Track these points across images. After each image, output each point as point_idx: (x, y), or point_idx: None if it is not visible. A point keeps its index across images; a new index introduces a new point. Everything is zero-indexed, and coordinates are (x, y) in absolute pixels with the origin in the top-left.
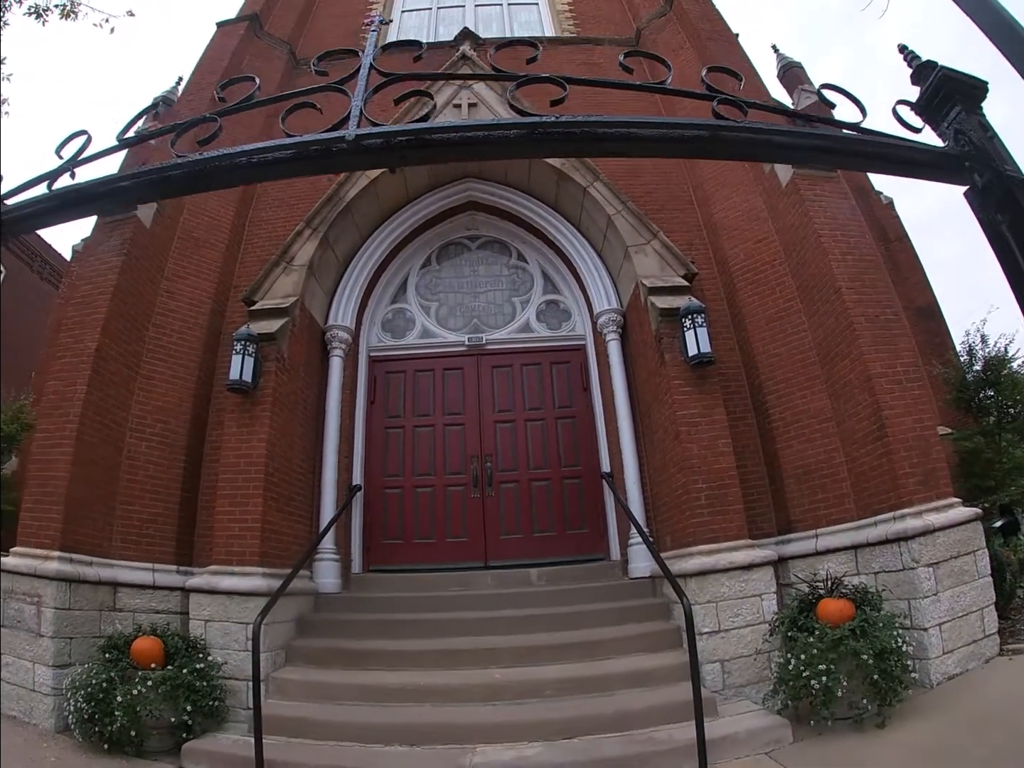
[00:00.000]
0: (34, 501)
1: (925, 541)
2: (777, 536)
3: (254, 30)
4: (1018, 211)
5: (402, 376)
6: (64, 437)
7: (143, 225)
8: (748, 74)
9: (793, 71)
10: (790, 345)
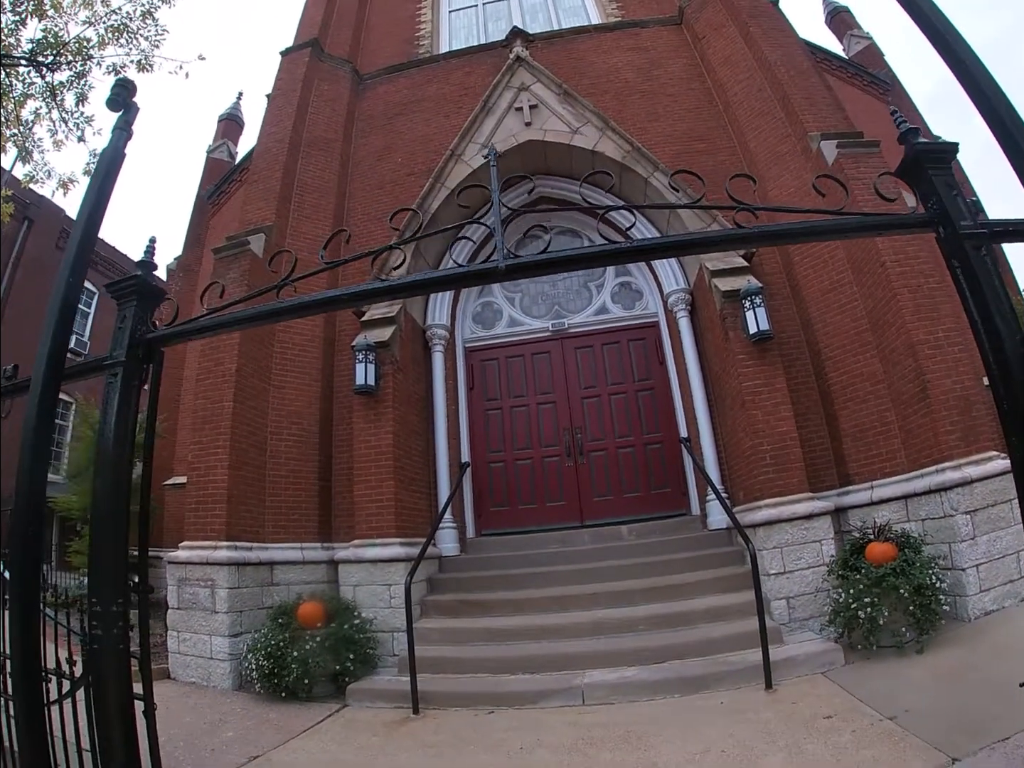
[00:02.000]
0: (197, 502)
1: (963, 491)
2: (838, 488)
3: (317, 55)
4: (966, 260)
5: (496, 363)
6: (219, 446)
7: (256, 256)
8: (788, 44)
9: (841, 16)
10: (844, 314)
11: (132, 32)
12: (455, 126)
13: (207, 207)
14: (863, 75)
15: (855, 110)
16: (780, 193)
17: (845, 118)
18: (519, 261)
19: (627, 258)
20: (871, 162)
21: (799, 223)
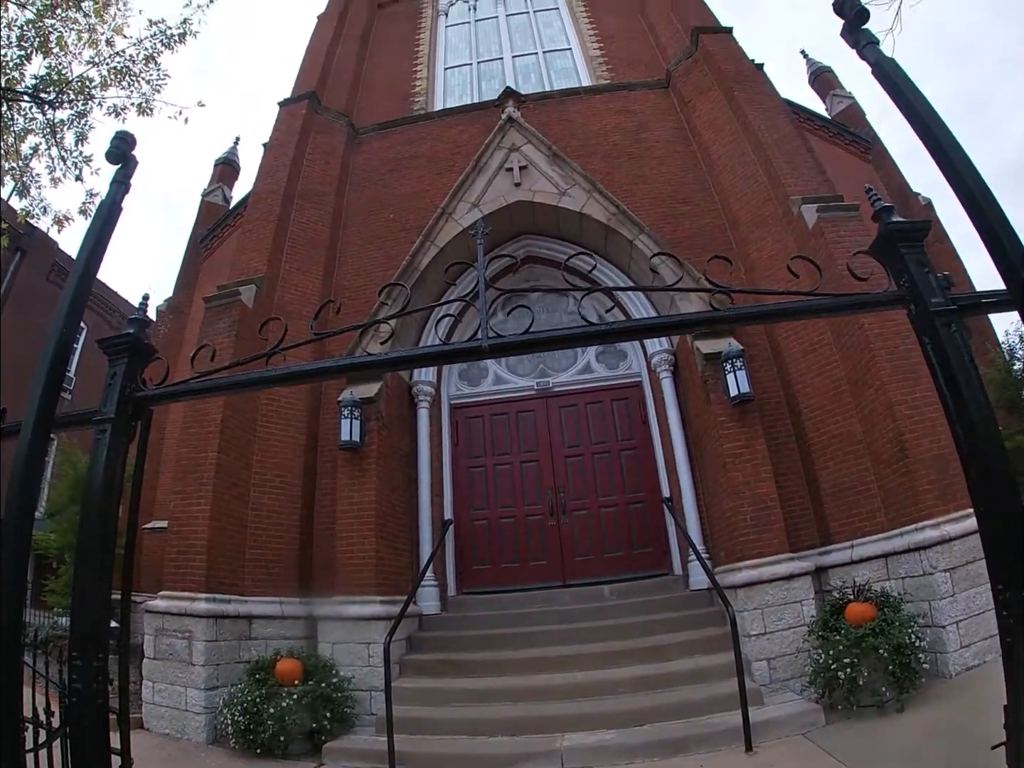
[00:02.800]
0: (177, 552)
1: (941, 549)
2: (819, 548)
3: (314, 107)
4: (936, 336)
5: (481, 420)
6: (201, 496)
7: (247, 307)
8: (772, 108)
9: (824, 76)
10: (823, 375)
11: (134, 75)
12: (447, 184)
13: (200, 250)
14: (845, 134)
15: (837, 169)
16: (762, 256)
17: (826, 181)
18: (502, 341)
19: (606, 339)
20: (850, 225)
21: (773, 305)
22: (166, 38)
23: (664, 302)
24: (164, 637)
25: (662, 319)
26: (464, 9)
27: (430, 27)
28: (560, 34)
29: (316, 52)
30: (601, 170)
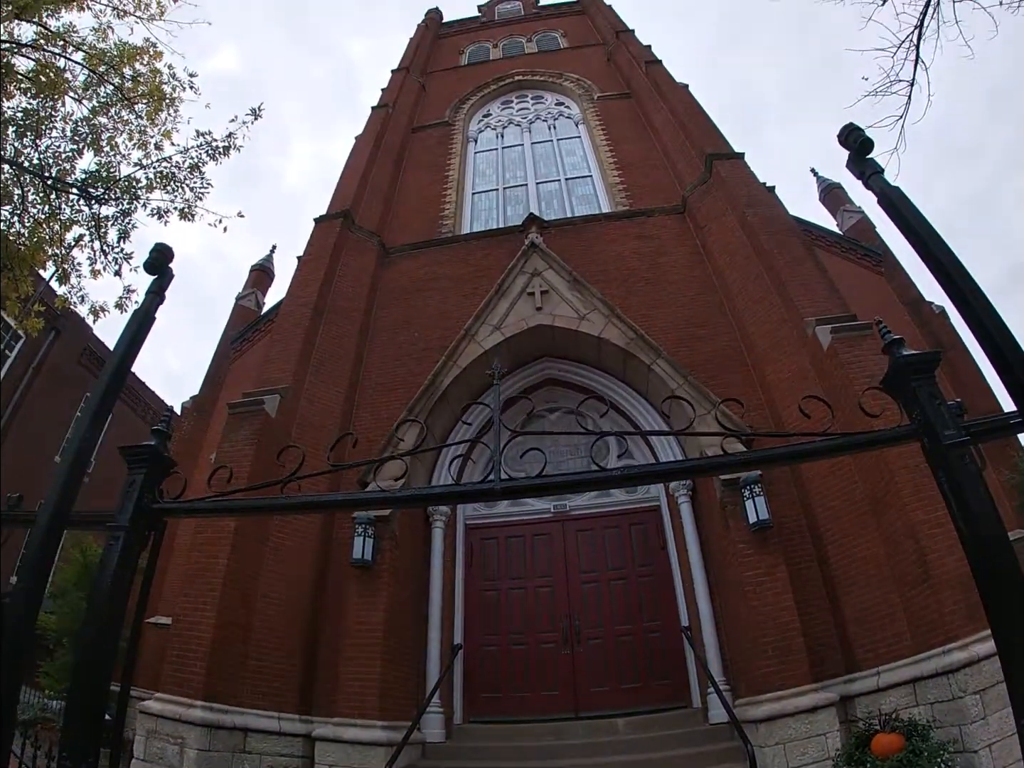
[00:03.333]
0: (178, 655)
1: (970, 671)
2: (844, 676)
3: (348, 226)
4: (950, 469)
5: (495, 542)
6: (208, 602)
7: (269, 416)
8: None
9: (834, 192)
10: (844, 497)
11: (179, 181)
12: (471, 305)
13: (229, 351)
14: (857, 249)
15: (850, 284)
16: (779, 378)
17: (839, 300)
18: (514, 484)
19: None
20: (865, 344)
21: (785, 448)
22: (211, 149)
23: (684, 422)
24: (156, 740)
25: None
26: (492, 136)
27: (460, 152)
28: (582, 162)
29: (352, 172)
30: (619, 295)
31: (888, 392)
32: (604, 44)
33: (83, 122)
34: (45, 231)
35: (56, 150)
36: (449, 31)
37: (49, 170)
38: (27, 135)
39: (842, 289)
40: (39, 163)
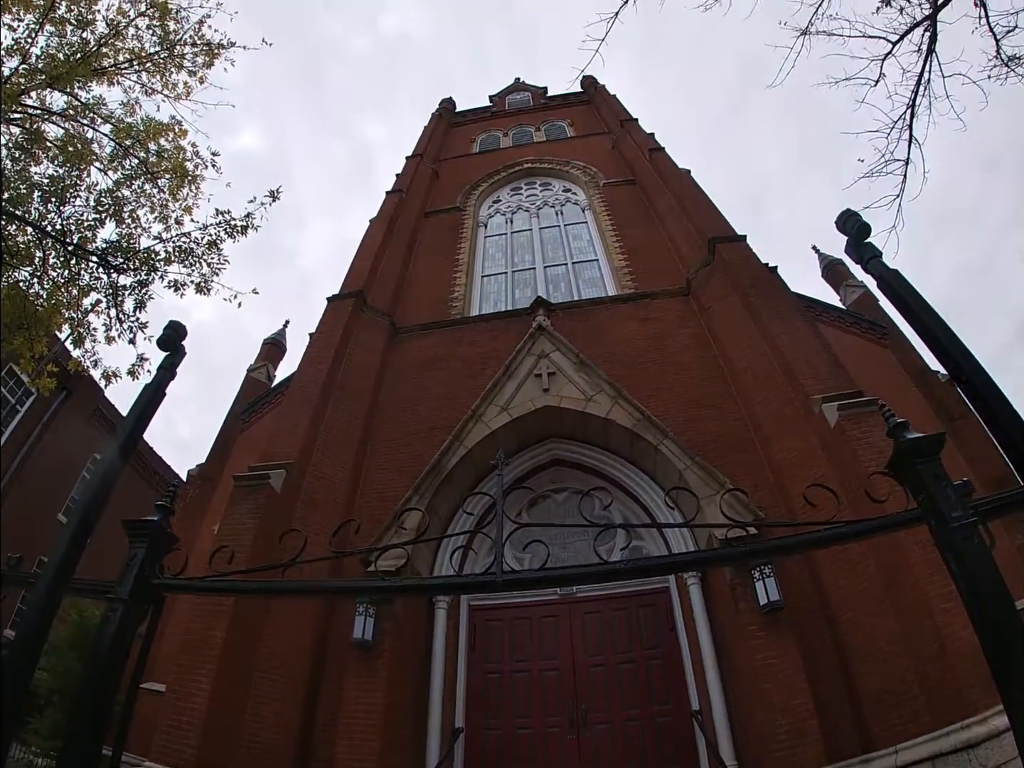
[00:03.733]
0: (170, 725)
1: (991, 745)
2: (860, 756)
3: (359, 305)
4: (957, 551)
5: (500, 624)
6: (203, 674)
7: (274, 491)
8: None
9: (836, 268)
10: (855, 574)
11: (197, 256)
12: (479, 386)
13: (238, 422)
14: (860, 322)
15: (856, 358)
16: (787, 457)
17: (845, 377)
18: (516, 577)
19: (622, 577)
20: (872, 421)
21: (792, 538)
22: (230, 228)
23: (691, 504)
24: None
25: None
26: (501, 221)
27: (470, 237)
28: (588, 246)
29: (366, 254)
30: (626, 376)
31: (894, 476)
32: (609, 132)
33: (107, 194)
34: (63, 295)
35: (79, 218)
36: (462, 120)
37: (71, 236)
38: (52, 201)
39: (847, 363)
40: (62, 228)
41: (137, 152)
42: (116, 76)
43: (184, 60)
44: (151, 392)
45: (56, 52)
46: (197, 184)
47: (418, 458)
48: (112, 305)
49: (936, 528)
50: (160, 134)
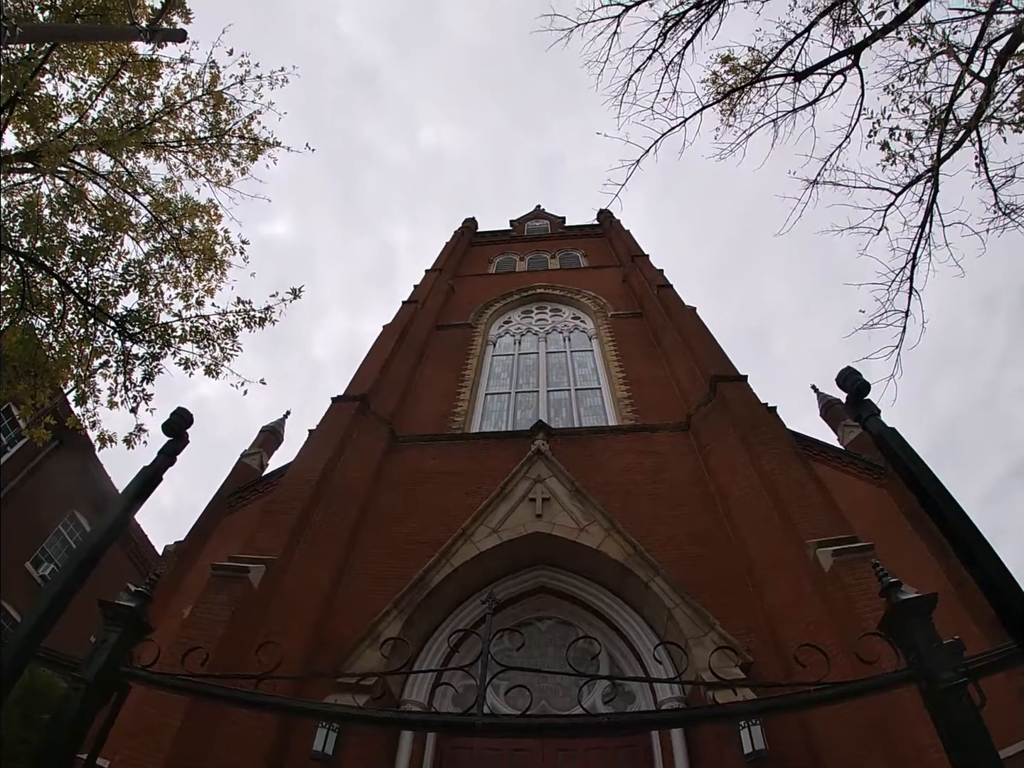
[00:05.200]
0: None
1: None
2: None
3: (362, 409)
4: (947, 714)
5: (469, 753)
6: (152, 764)
7: (252, 586)
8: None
9: (834, 408)
10: (845, 723)
11: (212, 339)
12: (472, 504)
13: (223, 505)
14: (857, 463)
15: (852, 498)
16: (779, 601)
17: (840, 522)
18: (496, 722)
19: (607, 731)
20: (866, 567)
21: (783, 699)
22: (248, 318)
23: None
24: None
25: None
26: (510, 342)
27: (478, 354)
28: (592, 374)
29: (375, 359)
30: (620, 508)
31: (885, 635)
32: (621, 266)
33: (136, 264)
34: (75, 351)
35: (105, 281)
36: (482, 240)
37: (94, 297)
38: (82, 259)
39: (844, 503)
40: (86, 287)
41: (171, 228)
42: (164, 152)
43: (230, 150)
44: (148, 475)
45: (111, 118)
46: (223, 269)
47: (403, 570)
48: (120, 371)
49: (926, 689)
50: (196, 215)
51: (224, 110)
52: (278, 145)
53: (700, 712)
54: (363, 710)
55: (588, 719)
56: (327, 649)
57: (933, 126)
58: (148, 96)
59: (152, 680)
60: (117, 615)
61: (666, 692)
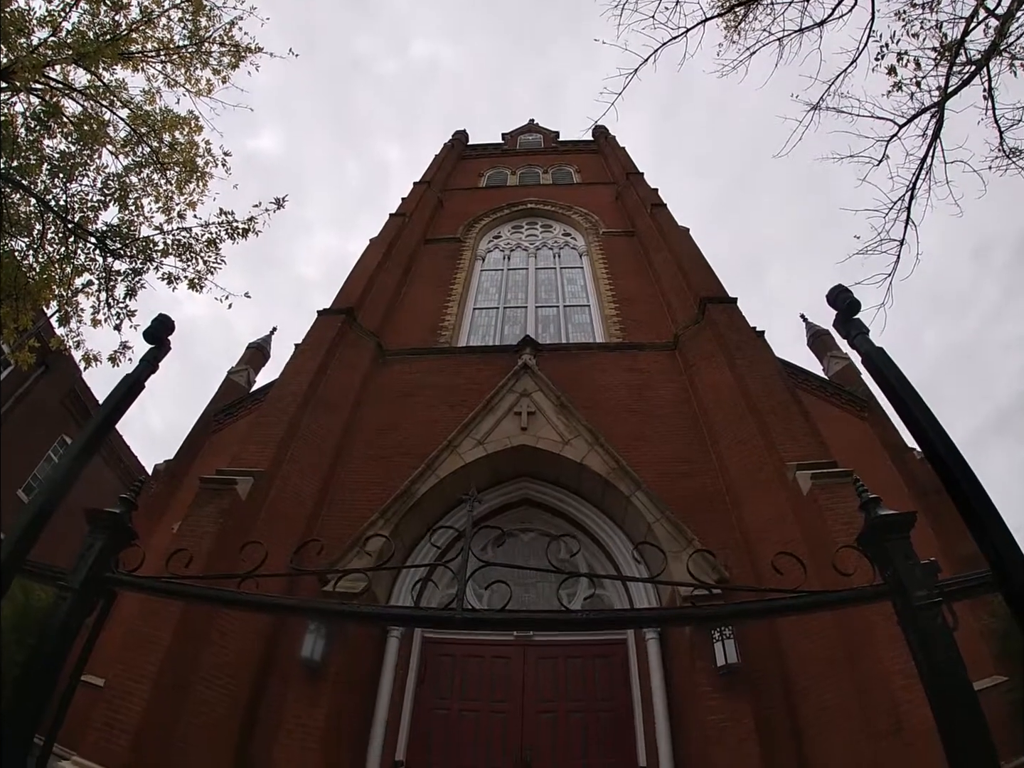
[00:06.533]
0: (104, 723)
1: None
2: None
3: (349, 322)
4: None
5: (452, 659)
6: (143, 674)
7: (239, 498)
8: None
9: (821, 339)
10: (817, 643)
11: (195, 252)
12: (457, 417)
13: (212, 423)
14: (841, 394)
15: (833, 428)
16: (756, 520)
17: (821, 446)
18: (476, 616)
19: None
20: (844, 492)
21: (756, 603)
22: (231, 229)
23: (658, 560)
24: None
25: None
26: (499, 257)
27: (467, 269)
28: (581, 291)
29: (361, 272)
30: (605, 423)
31: (862, 550)
32: (614, 183)
33: (114, 177)
34: (56, 271)
35: (84, 197)
36: (472, 153)
37: (73, 214)
38: (60, 176)
39: (825, 433)
40: (65, 205)
41: (150, 141)
42: (142, 63)
43: (210, 58)
44: (131, 383)
45: (87, 30)
46: (205, 181)
47: (388, 482)
48: (103, 288)
49: (900, 606)
50: (176, 127)
51: (204, 16)
52: (260, 51)
53: (677, 612)
54: (344, 605)
55: (568, 615)
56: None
57: (943, 55)
58: (124, 6)
59: (137, 584)
60: (102, 522)
61: (643, 602)
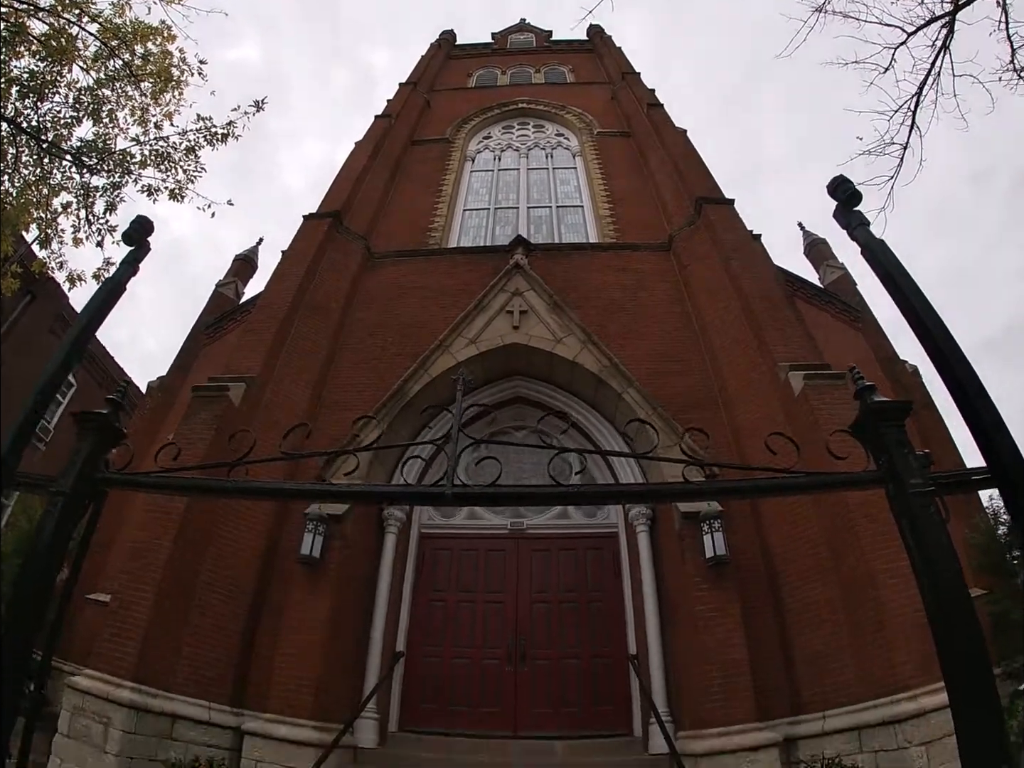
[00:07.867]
0: (112, 633)
1: (918, 723)
2: (790, 717)
3: (336, 226)
4: (914, 518)
5: (449, 553)
6: (146, 582)
7: (232, 404)
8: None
9: (818, 247)
10: (804, 540)
11: (173, 162)
12: (449, 317)
13: (202, 337)
14: (836, 303)
15: (827, 336)
16: (748, 419)
17: (814, 349)
18: (466, 491)
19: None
20: (836, 394)
21: (749, 481)
22: (210, 135)
23: (649, 444)
24: (81, 717)
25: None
26: (490, 158)
27: (456, 170)
28: (575, 192)
29: (347, 175)
30: (597, 323)
31: (856, 437)
32: (610, 83)
33: (87, 91)
34: (33, 193)
35: (56, 115)
36: (461, 53)
37: (46, 134)
38: (29, 96)
39: (818, 340)
40: (37, 125)
41: (122, 54)
42: None
43: None
44: (112, 285)
45: None
46: (181, 90)
47: (381, 383)
48: (83, 206)
49: (894, 493)
50: (148, 37)
51: None
52: None
53: (667, 487)
54: (336, 486)
55: (558, 488)
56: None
57: None
58: None
59: (127, 481)
60: (89, 423)
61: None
